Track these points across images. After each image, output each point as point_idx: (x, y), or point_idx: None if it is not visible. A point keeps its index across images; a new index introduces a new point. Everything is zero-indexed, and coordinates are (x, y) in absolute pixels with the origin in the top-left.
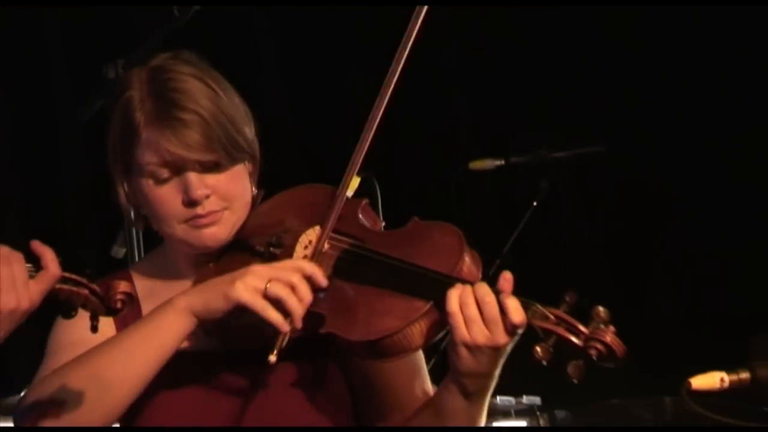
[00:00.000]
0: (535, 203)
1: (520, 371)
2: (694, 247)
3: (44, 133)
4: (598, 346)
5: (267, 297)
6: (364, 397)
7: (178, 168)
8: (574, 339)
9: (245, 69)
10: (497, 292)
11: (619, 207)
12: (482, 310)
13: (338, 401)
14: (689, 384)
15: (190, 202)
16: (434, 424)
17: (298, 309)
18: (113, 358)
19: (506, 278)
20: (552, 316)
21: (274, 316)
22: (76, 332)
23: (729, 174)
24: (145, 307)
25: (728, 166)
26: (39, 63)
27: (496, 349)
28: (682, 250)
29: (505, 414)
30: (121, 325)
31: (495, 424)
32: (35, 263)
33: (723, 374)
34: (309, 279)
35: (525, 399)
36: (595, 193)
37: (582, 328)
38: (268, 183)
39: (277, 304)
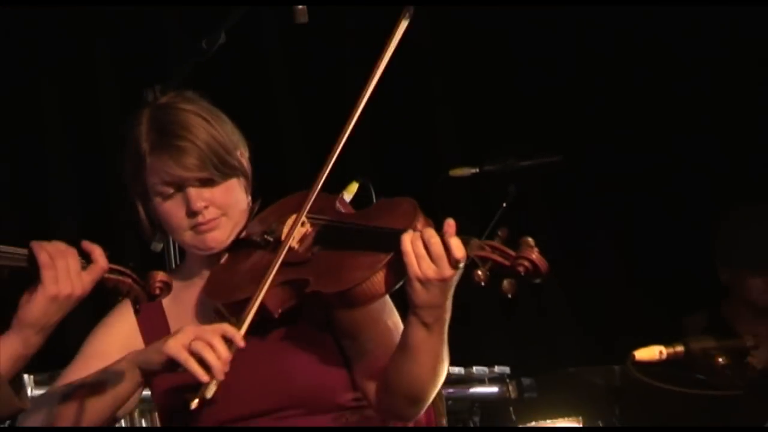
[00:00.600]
0: (504, 204)
1: (493, 347)
2: (639, 230)
3: (93, 146)
4: (525, 263)
5: (190, 352)
6: (350, 346)
7: (179, 186)
8: (504, 260)
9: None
10: (442, 235)
11: (572, 199)
12: (429, 249)
13: (331, 355)
14: (633, 356)
15: (192, 213)
16: (405, 360)
17: (215, 363)
18: (84, 394)
19: (449, 224)
20: (487, 247)
21: (194, 367)
22: (98, 347)
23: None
24: (167, 305)
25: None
26: (91, 87)
27: (443, 281)
28: (627, 234)
29: (480, 381)
30: (144, 327)
31: (472, 390)
32: (86, 258)
33: (661, 347)
34: (228, 340)
35: (497, 369)
36: (553, 191)
37: (511, 251)
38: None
39: (199, 358)
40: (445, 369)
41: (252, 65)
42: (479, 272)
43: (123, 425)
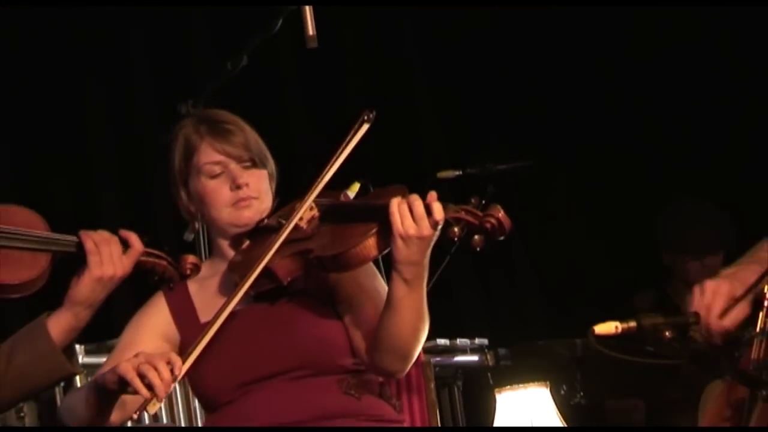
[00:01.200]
0: (483, 201)
1: (474, 321)
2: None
3: (136, 153)
4: (492, 221)
5: (138, 373)
6: (346, 311)
7: (225, 165)
8: (474, 220)
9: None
10: (425, 199)
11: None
12: (413, 210)
13: (334, 325)
14: (593, 330)
15: (235, 187)
16: (390, 316)
17: (157, 383)
18: (80, 403)
19: (432, 194)
20: (461, 210)
21: (138, 385)
22: (133, 336)
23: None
24: (193, 291)
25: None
26: (132, 100)
27: (422, 239)
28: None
29: (463, 351)
30: (174, 308)
31: (456, 358)
32: (126, 245)
33: (617, 323)
34: (171, 365)
35: (477, 340)
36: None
37: (479, 212)
38: None
39: (143, 378)
40: (426, 327)
41: (269, 84)
42: (455, 229)
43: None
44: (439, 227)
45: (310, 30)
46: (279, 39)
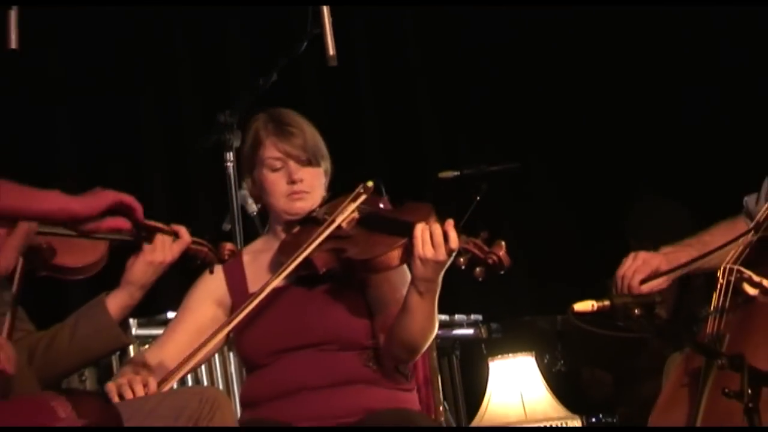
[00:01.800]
0: (478, 197)
1: (470, 299)
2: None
3: (181, 155)
4: (494, 257)
5: (117, 393)
6: (372, 304)
7: (284, 161)
8: (480, 253)
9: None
10: (444, 228)
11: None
12: (433, 237)
13: (360, 309)
14: (572, 308)
15: (291, 182)
16: (404, 317)
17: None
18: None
19: (449, 222)
20: (470, 242)
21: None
22: (190, 303)
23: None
24: (247, 262)
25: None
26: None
27: (437, 263)
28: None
29: (460, 325)
30: (229, 276)
31: (454, 332)
32: (176, 235)
33: (593, 302)
34: (146, 391)
35: (472, 316)
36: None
37: (486, 248)
38: None
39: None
40: (434, 329)
41: (296, 98)
42: (461, 259)
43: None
44: (454, 254)
45: (331, 51)
46: (302, 61)
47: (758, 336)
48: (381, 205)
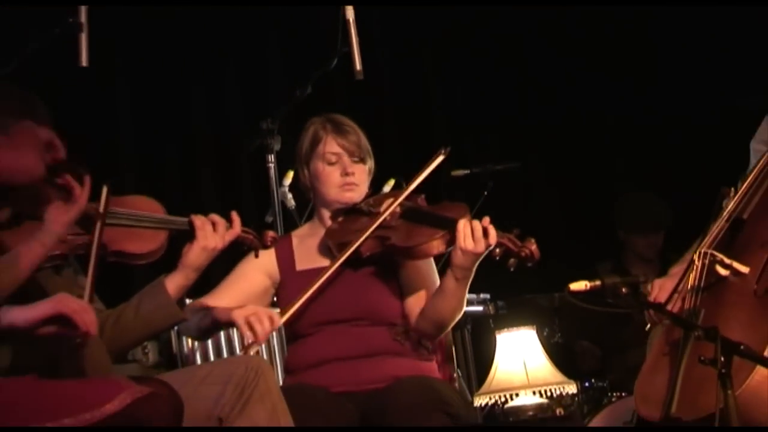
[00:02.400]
0: (485, 192)
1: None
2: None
3: (228, 155)
4: (526, 251)
5: (246, 321)
6: (405, 286)
7: (339, 156)
8: (514, 247)
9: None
10: (483, 225)
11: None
12: (474, 231)
13: (393, 290)
14: (569, 287)
15: (345, 174)
16: (439, 299)
17: (260, 331)
18: (194, 324)
19: (487, 219)
20: (505, 237)
21: (245, 330)
22: (243, 269)
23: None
24: (295, 244)
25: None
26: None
27: (476, 254)
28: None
29: (471, 303)
30: (279, 255)
31: (466, 308)
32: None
33: (586, 282)
34: (272, 322)
35: (481, 295)
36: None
37: (519, 242)
38: None
39: (250, 326)
40: (461, 311)
41: (327, 106)
42: (497, 251)
43: None
44: (491, 247)
45: (358, 66)
46: (333, 76)
47: (729, 310)
48: (419, 201)
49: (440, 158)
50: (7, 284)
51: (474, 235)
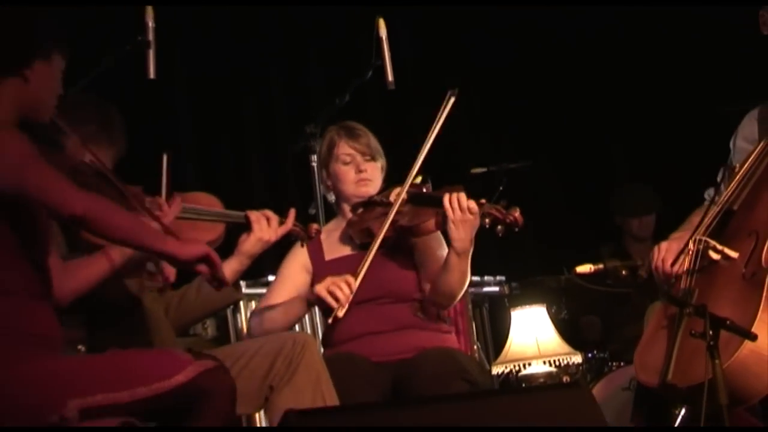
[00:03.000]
0: (501, 188)
1: (496, 264)
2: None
3: (275, 156)
4: (511, 218)
5: (328, 291)
6: (419, 262)
7: (353, 156)
8: (499, 215)
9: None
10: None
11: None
12: (459, 202)
13: (410, 268)
14: (575, 270)
15: (359, 171)
16: (445, 274)
17: (342, 297)
18: (278, 314)
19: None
20: (493, 208)
21: (329, 300)
22: (286, 271)
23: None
24: (323, 238)
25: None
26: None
27: (466, 223)
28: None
29: (488, 284)
30: (310, 250)
31: (484, 289)
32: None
33: (591, 265)
34: (349, 286)
35: (497, 277)
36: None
37: (504, 211)
38: None
39: (332, 294)
40: (467, 282)
41: (362, 112)
42: (487, 220)
43: None
44: (477, 214)
45: (390, 77)
46: (367, 86)
47: (720, 291)
48: (424, 189)
49: (452, 100)
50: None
51: (460, 206)
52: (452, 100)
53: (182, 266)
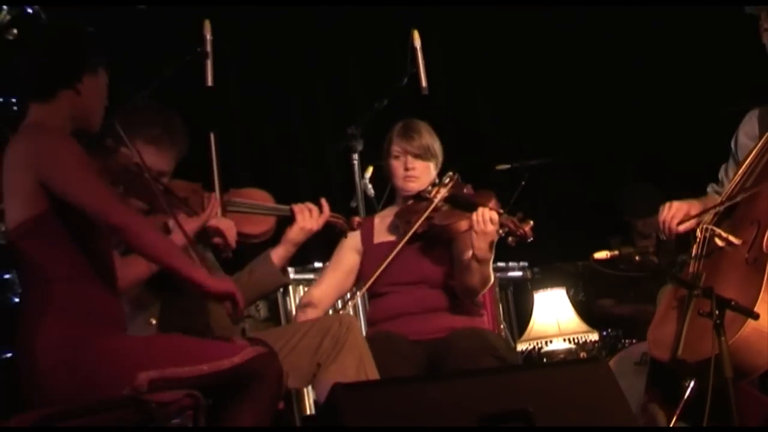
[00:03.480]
0: (522, 182)
1: (519, 252)
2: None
3: (320, 156)
4: (521, 231)
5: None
6: (455, 256)
7: (404, 154)
8: (513, 228)
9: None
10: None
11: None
12: (484, 217)
13: (445, 260)
14: (592, 256)
15: (405, 168)
16: (467, 275)
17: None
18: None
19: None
20: (508, 220)
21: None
22: (338, 255)
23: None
24: (376, 223)
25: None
26: (317, 123)
27: (486, 235)
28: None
29: (513, 269)
30: (363, 232)
31: (509, 274)
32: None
33: (607, 252)
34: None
35: (520, 263)
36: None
37: (518, 223)
38: None
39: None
40: (487, 284)
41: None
42: (500, 231)
43: None
44: (497, 227)
45: (423, 83)
46: (403, 91)
47: (725, 274)
48: (465, 190)
49: (451, 181)
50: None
51: (484, 218)
52: (451, 182)
53: (206, 296)
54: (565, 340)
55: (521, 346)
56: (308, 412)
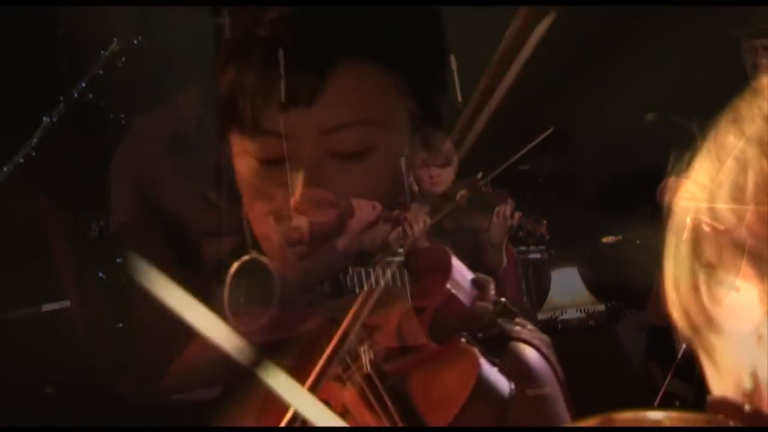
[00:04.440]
0: (540, 180)
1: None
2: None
3: None
4: (539, 232)
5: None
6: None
7: (428, 166)
8: (531, 228)
9: None
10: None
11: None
12: (504, 215)
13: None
14: (601, 240)
15: (431, 177)
16: (481, 257)
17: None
18: None
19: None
20: (527, 222)
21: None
22: None
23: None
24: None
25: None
26: None
27: (500, 227)
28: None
29: (533, 252)
30: None
31: (529, 255)
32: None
33: (612, 237)
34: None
35: (540, 247)
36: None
37: (535, 225)
38: None
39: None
40: (502, 265)
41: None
42: (521, 233)
43: None
44: (514, 225)
45: (459, 98)
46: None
47: None
48: (484, 189)
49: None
50: None
51: (504, 216)
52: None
53: None
54: (577, 310)
55: (541, 316)
56: None
